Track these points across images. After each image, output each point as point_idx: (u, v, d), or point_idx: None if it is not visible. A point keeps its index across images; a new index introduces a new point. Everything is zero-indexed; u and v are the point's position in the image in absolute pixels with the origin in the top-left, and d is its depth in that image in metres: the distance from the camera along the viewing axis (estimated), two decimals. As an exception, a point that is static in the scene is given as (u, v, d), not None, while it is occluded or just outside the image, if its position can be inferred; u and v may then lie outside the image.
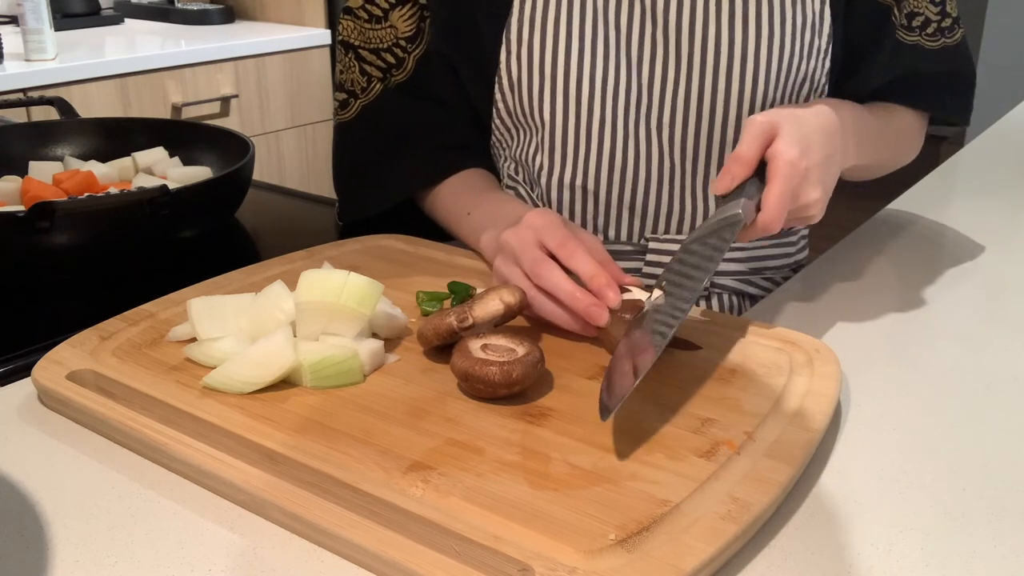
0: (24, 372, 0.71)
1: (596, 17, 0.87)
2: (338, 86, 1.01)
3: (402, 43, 0.95)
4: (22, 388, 0.70)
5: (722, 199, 0.74)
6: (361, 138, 1.00)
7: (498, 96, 0.92)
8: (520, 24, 0.88)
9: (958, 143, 3.64)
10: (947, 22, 0.95)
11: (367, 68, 0.97)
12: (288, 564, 0.52)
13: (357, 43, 0.97)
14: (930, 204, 1.14)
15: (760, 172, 0.74)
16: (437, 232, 0.99)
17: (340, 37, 0.99)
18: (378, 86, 0.97)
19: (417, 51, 0.95)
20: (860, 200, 0.94)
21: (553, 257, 0.74)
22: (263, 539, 0.54)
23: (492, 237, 0.85)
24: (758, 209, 0.71)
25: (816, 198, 0.74)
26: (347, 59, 0.98)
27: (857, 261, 0.96)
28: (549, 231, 0.75)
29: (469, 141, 0.99)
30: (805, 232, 1.04)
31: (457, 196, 0.95)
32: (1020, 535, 0.55)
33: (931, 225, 1.07)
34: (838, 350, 0.72)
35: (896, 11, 0.92)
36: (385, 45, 0.96)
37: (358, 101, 0.99)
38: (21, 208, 0.91)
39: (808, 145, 0.73)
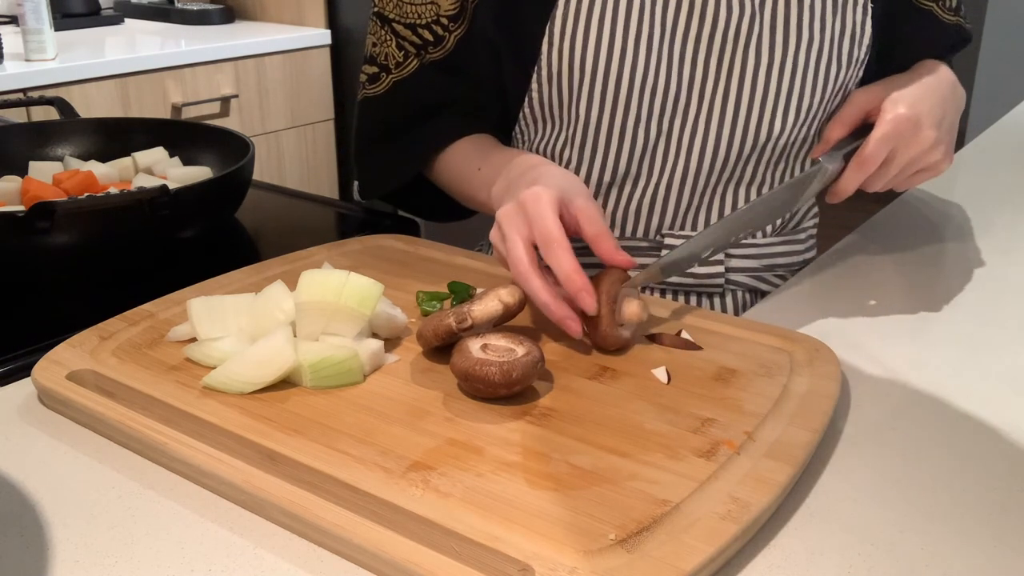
0: (24, 372, 0.71)
1: (642, 14, 0.87)
2: (369, 59, 0.99)
3: (443, 21, 0.94)
4: (22, 388, 0.70)
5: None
6: (389, 112, 0.99)
7: (534, 86, 0.92)
8: (565, 18, 0.88)
9: (958, 143, 3.62)
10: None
11: (403, 43, 0.96)
12: (288, 564, 0.52)
13: (393, 16, 0.96)
14: (930, 204, 1.14)
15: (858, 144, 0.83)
16: (443, 231, 0.99)
17: (375, 9, 0.97)
18: (414, 62, 0.96)
19: (459, 31, 0.94)
20: (860, 200, 0.94)
21: None
22: (263, 539, 0.54)
23: (502, 188, 0.83)
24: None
25: (933, 137, 0.82)
26: (382, 32, 0.97)
27: (857, 261, 0.96)
28: (538, 221, 0.73)
29: (495, 119, 0.99)
30: (813, 231, 1.04)
31: (467, 155, 0.95)
32: (1020, 535, 0.55)
33: (931, 225, 1.08)
34: (838, 350, 0.72)
35: None
36: (424, 21, 0.94)
37: (390, 76, 0.97)
38: (21, 208, 0.91)
39: (915, 99, 0.81)
